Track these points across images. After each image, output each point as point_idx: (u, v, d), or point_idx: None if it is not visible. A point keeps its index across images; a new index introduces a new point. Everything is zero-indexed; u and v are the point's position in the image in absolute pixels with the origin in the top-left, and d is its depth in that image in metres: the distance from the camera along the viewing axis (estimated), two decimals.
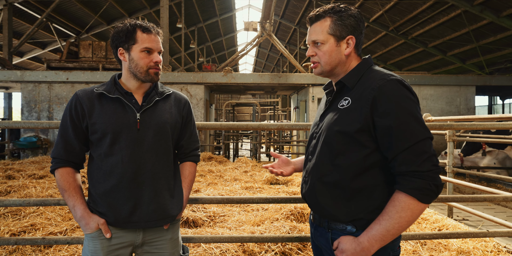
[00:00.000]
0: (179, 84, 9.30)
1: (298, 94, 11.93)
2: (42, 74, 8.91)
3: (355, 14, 1.12)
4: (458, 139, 4.63)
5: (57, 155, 1.30)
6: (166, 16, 10.67)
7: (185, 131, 1.46)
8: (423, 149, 0.98)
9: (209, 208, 3.41)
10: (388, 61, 17.57)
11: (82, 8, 13.24)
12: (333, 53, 1.13)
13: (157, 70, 1.33)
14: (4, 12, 10.87)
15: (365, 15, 14.11)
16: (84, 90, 1.33)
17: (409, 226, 0.99)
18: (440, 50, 14.13)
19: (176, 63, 23.68)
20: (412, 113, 1.00)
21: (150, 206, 1.29)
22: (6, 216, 3.06)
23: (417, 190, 0.96)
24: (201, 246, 2.45)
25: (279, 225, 2.82)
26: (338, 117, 1.10)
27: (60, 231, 2.73)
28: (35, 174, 5.17)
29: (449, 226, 3.05)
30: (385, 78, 1.06)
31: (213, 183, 5.03)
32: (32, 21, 12.82)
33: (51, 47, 15.78)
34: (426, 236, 2.13)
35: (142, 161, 1.29)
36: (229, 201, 2.07)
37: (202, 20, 19.46)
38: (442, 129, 4.29)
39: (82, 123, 1.30)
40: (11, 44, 10.85)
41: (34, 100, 9.00)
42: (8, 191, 3.94)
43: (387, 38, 15.03)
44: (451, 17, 11.31)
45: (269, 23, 10.51)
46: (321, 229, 1.17)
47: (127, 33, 1.29)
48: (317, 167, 1.14)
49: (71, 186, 1.29)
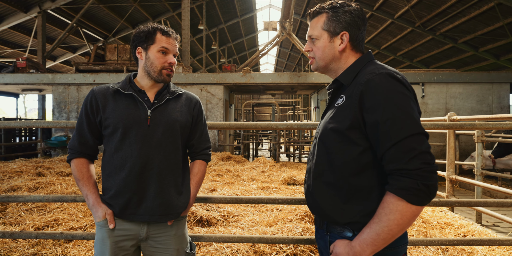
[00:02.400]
0: (199, 85, 9.45)
1: (319, 94, 11.74)
2: (71, 76, 9.39)
3: (352, 10, 1.09)
4: (487, 139, 4.35)
5: (72, 147, 1.39)
6: (187, 18, 10.88)
7: (196, 131, 1.48)
8: (411, 146, 0.90)
9: (223, 207, 3.42)
10: (415, 58, 16.88)
11: (109, 13, 13.83)
12: (326, 48, 1.12)
13: (169, 71, 1.38)
14: (38, 19, 11.58)
15: (389, 12, 13.63)
16: (100, 87, 1.40)
17: (402, 230, 0.91)
18: (472, 46, 13.37)
19: (198, 64, 24.12)
20: (400, 107, 0.93)
21: (155, 200, 1.32)
22: (32, 211, 3.24)
23: (405, 190, 0.89)
24: (212, 245, 2.46)
25: (292, 227, 2.77)
26: (332, 115, 1.07)
27: (80, 226, 2.85)
28: (62, 171, 5.45)
29: (475, 232, 2.86)
30: (374, 72, 1.01)
31: (230, 182, 5.04)
32: (63, 27, 13.56)
33: (81, 51, 16.62)
34: (446, 242, 2.01)
35: (150, 156, 1.32)
36: (238, 201, 2.06)
37: (223, 21, 19.68)
38: (466, 129, 4.05)
39: (96, 118, 1.36)
40: (45, 49, 11.53)
41: (64, 102, 9.49)
42: (36, 187, 4.17)
43: (413, 35, 14.43)
44: (483, 10, 10.66)
45: (288, 23, 10.43)
46: (321, 231, 1.15)
47: (148, 33, 1.36)
48: (314, 166, 1.12)
49: (85, 176, 1.36)
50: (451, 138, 4.07)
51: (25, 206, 3.35)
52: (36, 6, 11.60)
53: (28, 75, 9.43)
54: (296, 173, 5.72)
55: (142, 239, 1.35)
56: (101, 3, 12.94)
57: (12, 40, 13.89)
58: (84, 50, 16.50)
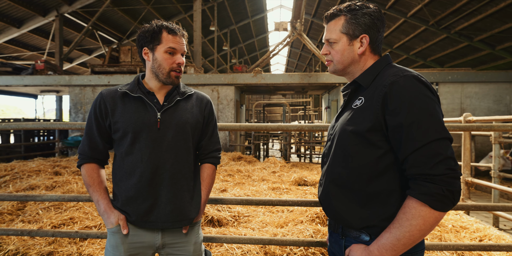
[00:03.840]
0: (210, 85, 9.52)
1: (330, 94, 11.64)
2: (86, 78, 9.63)
3: (371, 12, 1.07)
4: (505, 141, 4.22)
5: (82, 152, 1.35)
6: (199, 20, 10.99)
7: (206, 132, 1.44)
8: (436, 151, 0.88)
9: (233, 208, 3.44)
10: (428, 57, 16.52)
11: (123, 15, 14.12)
12: (345, 52, 1.09)
13: (178, 73, 1.33)
14: (56, 22, 11.92)
15: (402, 10, 13.39)
16: (108, 89, 1.35)
17: (423, 236, 0.90)
18: (488, 44, 12.98)
19: (209, 65, 24.30)
20: (427, 110, 0.91)
21: (167, 206, 1.29)
22: (49, 209, 3.34)
23: (428, 195, 0.87)
24: (223, 246, 2.48)
25: (303, 228, 2.76)
26: (350, 117, 1.04)
27: (94, 225, 2.92)
28: (78, 170, 5.60)
29: (492, 237, 2.78)
30: (398, 74, 0.98)
31: (241, 183, 5.06)
32: (79, 30, 13.92)
33: (96, 53, 17.02)
34: (462, 247, 1.96)
35: (161, 160, 1.28)
36: (249, 202, 2.07)
37: (235, 22, 19.77)
38: (483, 131, 3.96)
39: (105, 122, 1.32)
40: (62, 51, 11.86)
41: (80, 102, 9.75)
42: (53, 186, 4.31)
43: (427, 33, 14.13)
44: (500, 7, 10.34)
45: (299, 23, 10.38)
46: (335, 235, 1.13)
47: (153, 33, 1.30)
48: (330, 169, 1.10)
49: (95, 182, 1.32)
50: (467, 140, 3.97)
51: (42, 204, 3.46)
52: (54, 10, 11.95)
53: (47, 77, 9.72)
54: (307, 174, 5.69)
55: (158, 247, 1.32)
56: (116, 6, 13.22)
57: (31, 43, 14.35)
58: (99, 52, 16.89)
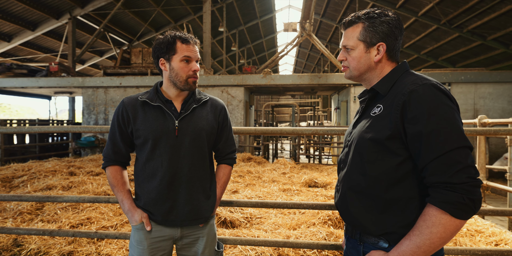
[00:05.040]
0: (220, 87, 9.58)
1: (339, 95, 11.57)
2: (99, 79, 9.80)
3: (389, 20, 1.07)
4: None
5: (106, 155, 1.48)
6: (208, 21, 11.08)
7: (221, 136, 1.54)
8: (457, 159, 0.89)
9: (246, 209, 3.47)
10: (440, 57, 16.26)
11: (134, 17, 14.33)
12: (361, 59, 1.11)
13: (195, 79, 1.42)
14: (69, 25, 12.18)
15: (413, 9, 13.22)
16: (129, 98, 1.46)
17: (444, 243, 0.91)
18: (502, 43, 12.71)
19: (218, 66, 24.43)
20: (446, 119, 0.92)
21: (185, 207, 1.40)
22: (67, 209, 3.43)
23: (449, 204, 0.88)
24: (237, 247, 2.52)
25: (315, 231, 2.78)
26: (369, 124, 1.06)
27: (111, 225, 2.99)
28: (92, 171, 5.71)
29: (509, 241, 2.73)
30: (417, 82, 0.99)
31: (251, 184, 5.09)
32: (91, 32, 14.18)
33: (107, 54, 17.30)
34: (478, 251, 1.95)
35: (179, 166, 1.39)
36: (263, 205, 2.10)
37: (243, 23, 19.83)
38: (500, 135, 3.90)
39: (128, 128, 1.44)
40: (75, 53, 12.11)
41: (92, 104, 9.93)
42: (69, 186, 4.41)
43: (438, 32, 13.91)
44: None
45: (309, 23, 10.35)
46: (353, 241, 1.15)
47: (168, 44, 1.38)
48: (348, 176, 1.11)
49: (119, 183, 1.45)
50: (481, 143, 3.92)
51: (60, 204, 3.56)
52: (67, 13, 12.22)
53: (60, 78, 9.94)
54: (317, 175, 5.68)
55: (177, 238, 1.44)
56: (126, 8, 13.42)
57: (45, 45, 14.69)
58: (110, 54, 17.17)
